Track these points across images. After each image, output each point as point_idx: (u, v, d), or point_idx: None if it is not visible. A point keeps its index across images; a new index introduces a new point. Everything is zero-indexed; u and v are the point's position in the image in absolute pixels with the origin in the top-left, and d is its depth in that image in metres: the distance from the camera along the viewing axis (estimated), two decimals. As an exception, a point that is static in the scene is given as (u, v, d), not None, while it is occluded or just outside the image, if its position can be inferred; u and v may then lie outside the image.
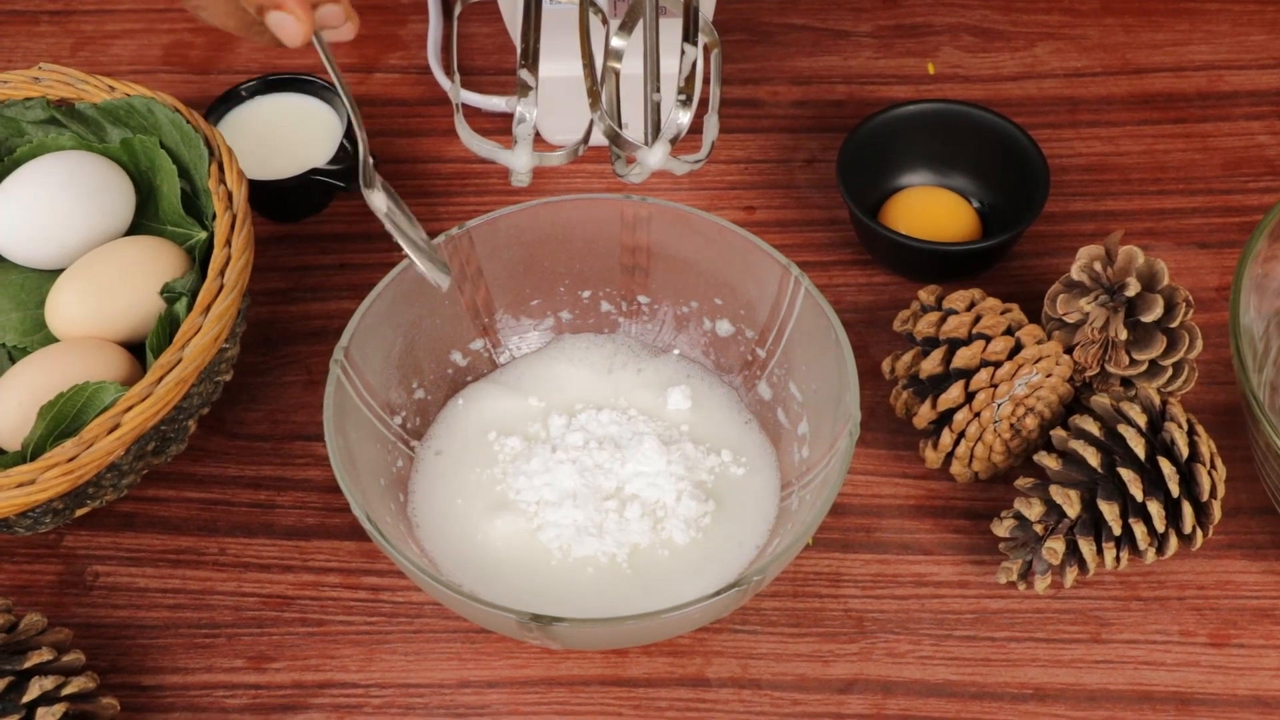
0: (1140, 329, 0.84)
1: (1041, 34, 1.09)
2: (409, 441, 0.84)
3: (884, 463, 0.87)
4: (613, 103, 0.73)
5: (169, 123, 0.87)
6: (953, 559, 0.83)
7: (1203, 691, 0.79)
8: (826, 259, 0.96)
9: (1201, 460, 0.78)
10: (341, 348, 0.78)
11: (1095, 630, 0.81)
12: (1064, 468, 0.80)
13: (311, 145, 0.98)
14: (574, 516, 0.80)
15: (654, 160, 0.75)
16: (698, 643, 0.80)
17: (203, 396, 0.83)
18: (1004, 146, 0.96)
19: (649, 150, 0.74)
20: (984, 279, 0.94)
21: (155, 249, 0.84)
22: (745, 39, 1.09)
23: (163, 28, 1.11)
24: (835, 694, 0.79)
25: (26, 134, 0.90)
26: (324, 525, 0.85)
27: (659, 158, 0.75)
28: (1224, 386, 0.89)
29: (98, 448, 0.75)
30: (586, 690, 0.79)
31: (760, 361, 0.85)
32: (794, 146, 1.03)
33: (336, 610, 0.82)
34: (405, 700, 0.79)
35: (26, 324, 0.85)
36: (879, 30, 1.09)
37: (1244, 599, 0.82)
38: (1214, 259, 0.96)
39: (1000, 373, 0.82)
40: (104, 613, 0.83)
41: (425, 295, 0.83)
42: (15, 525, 0.79)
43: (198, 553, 0.85)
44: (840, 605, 0.82)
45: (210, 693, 0.80)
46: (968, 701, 0.78)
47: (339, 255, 0.97)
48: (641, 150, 0.74)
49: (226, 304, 0.79)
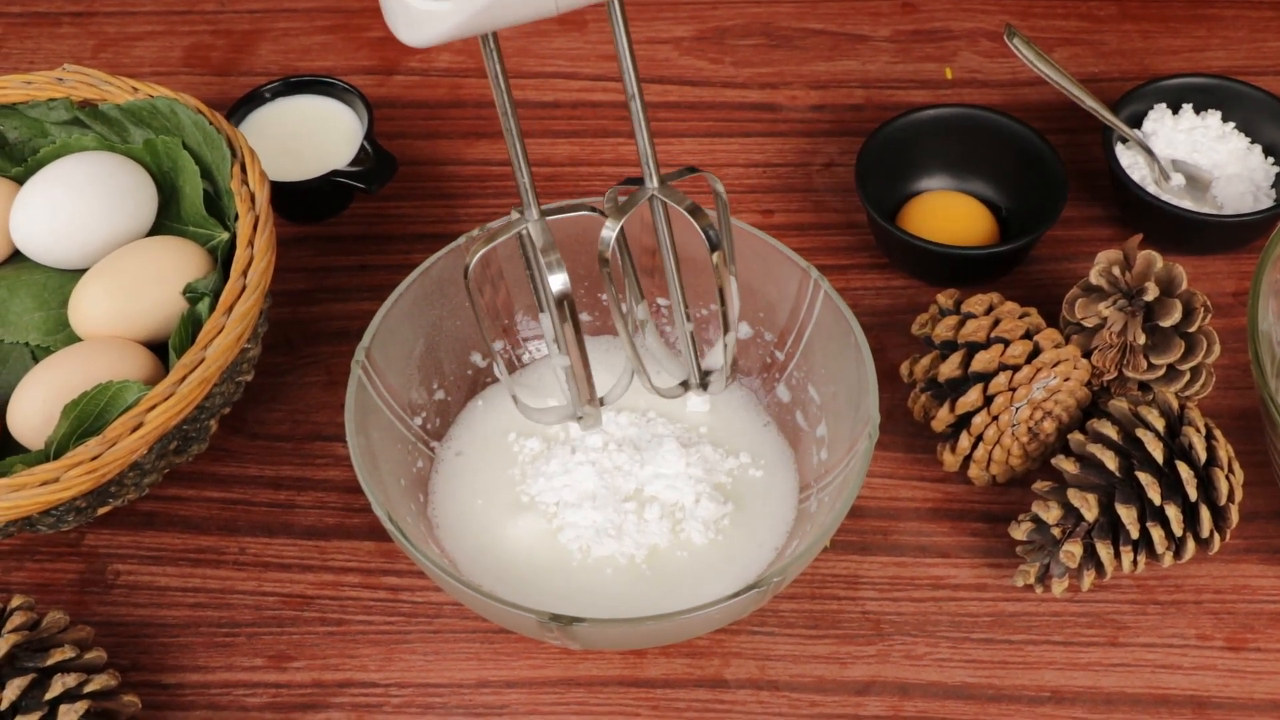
0: (1158, 333, 0.84)
1: (1059, 39, 1.09)
2: (429, 442, 0.84)
3: (902, 466, 0.87)
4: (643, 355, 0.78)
5: (192, 124, 0.87)
6: (970, 562, 0.84)
7: (1219, 695, 0.79)
8: (845, 263, 0.97)
9: (1219, 464, 0.79)
10: (363, 348, 0.78)
11: (1112, 634, 0.81)
12: (1082, 471, 0.80)
13: (333, 147, 0.98)
14: (593, 518, 0.81)
15: (699, 406, 0.87)
16: (716, 644, 0.81)
17: (224, 396, 0.83)
18: (1022, 151, 0.96)
19: (696, 399, 0.87)
20: (1002, 283, 0.95)
21: (178, 249, 0.84)
22: (764, 43, 1.09)
23: (184, 29, 1.11)
24: (853, 695, 0.79)
25: (50, 135, 0.90)
26: (344, 525, 0.86)
27: (698, 404, 0.87)
28: (1241, 391, 0.89)
29: (120, 447, 0.75)
30: (605, 691, 0.79)
31: (779, 364, 0.85)
32: (812, 151, 1.03)
33: (356, 610, 0.83)
34: (424, 700, 0.79)
35: (50, 323, 0.86)
36: (897, 35, 1.10)
37: (1261, 603, 0.82)
38: (1232, 264, 0.96)
39: (1018, 376, 0.82)
40: (125, 611, 0.83)
41: (445, 297, 0.83)
42: (38, 523, 0.79)
43: (218, 552, 0.85)
44: (858, 607, 0.82)
45: (230, 691, 0.80)
46: (985, 704, 0.79)
47: (360, 256, 0.98)
48: (690, 399, 0.86)
49: (249, 304, 0.80)
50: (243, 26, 1.12)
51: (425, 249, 0.90)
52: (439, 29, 0.61)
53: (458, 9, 0.60)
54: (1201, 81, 0.99)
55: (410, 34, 0.62)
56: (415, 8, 0.61)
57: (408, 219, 1.00)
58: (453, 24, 0.61)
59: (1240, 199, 0.96)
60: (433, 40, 0.61)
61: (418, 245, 0.98)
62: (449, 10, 0.60)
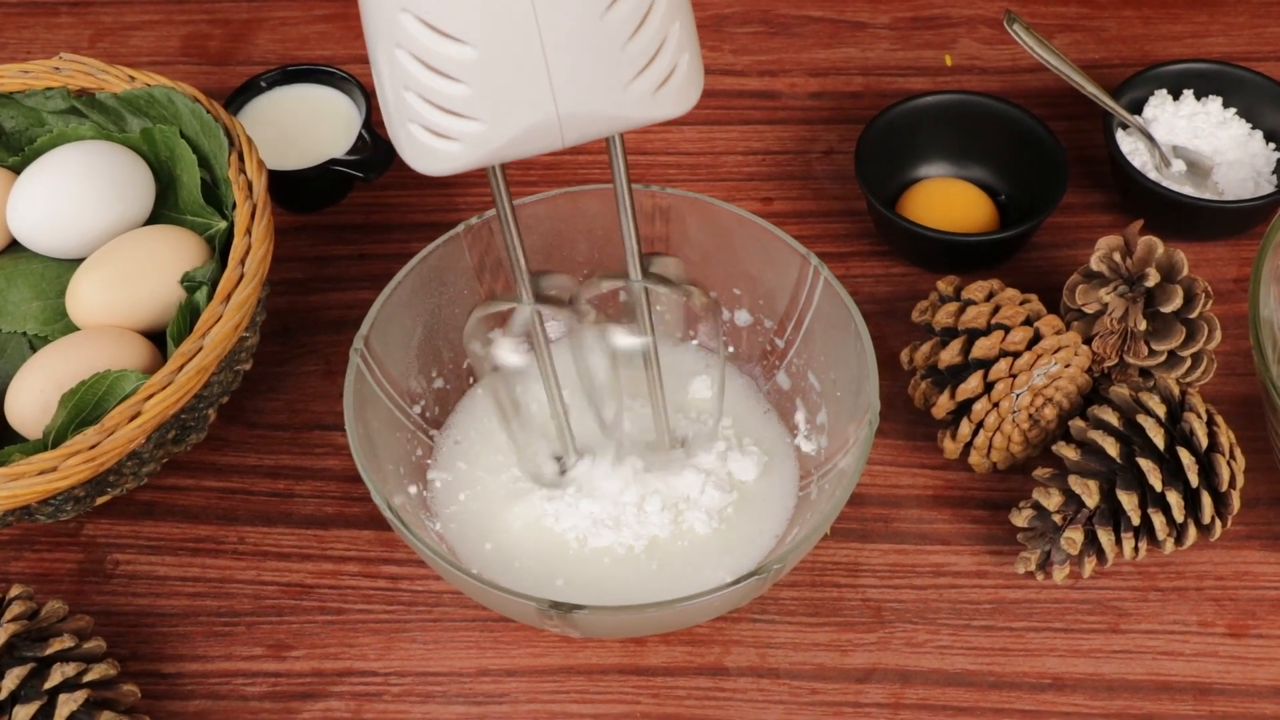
0: (1159, 320, 0.84)
1: (1059, 25, 1.09)
2: (428, 430, 0.84)
3: (902, 453, 0.87)
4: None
5: (189, 112, 0.87)
6: (971, 549, 0.83)
7: (1221, 681, 0.79)
8: (844, 250, 0.96)
9: (1221, 450, 0.78)
10: (361, 337, 0.78)
11: (1114, 620, 0.81)
12: (1083, 458, 0.80)
13: (330, 136, 0.98)
14: (592, 507, 0.81)
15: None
16: (716, 632, 0.81)
17: (223, 385, 0.83)
18: (1022, 138, 0.96)
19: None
20: (1002, 270, 0.94)
21: (175, 238, 0.84)
22: (762, 31, 1.09)
23: (181, 18, 1.11)
24: (853, 683, 0.79)
25: (47, 124, 0.90)
26: (343, 514, 0.86)
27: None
28: (1243, 378, 0.89)
29: (119, 436, 0.75)
30: (605, 679, 0.79)
31: (779, 351, 0.85)
32: (812, 138, 1.03)
33: (355, 599, 0.83)
34: (424, 688, 0.79)
35: (47, 313, 0.85)
36: (896, 22, 1.09)
37: (1263, 589, 0.82)
38: (1233, 250, 0.95)
39: (1019, 363, 0.82)
40: (124, 601, 0.83)
41: (444, 285, 0.83)
42: (36, 513, 0.79)
43: (217, 541, 0.85)
44: (858, 595, 0.82)
45: (230, 680, 0.80)
46: (986, 691, 0.79)
47: (358, 245, 0.98)
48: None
49: (247, 293, 0.80)
50: (240, 15, 1.12)
51: (424, 238, 0.89)
52: (451, 164, 0.62)
53: (468, 150, 0.61)
54: (1202, 67, 0.98)
55: (421, 164, 0.63)
56: (427, 144, 0.62)
57: (406, 208, 0.99)
58: (464, 161, 0.62)
59: (1241, 185, 0.95)
60: (444, 172, 0.63)
61: (416, 234, 0.98)
62: (460, 149, 0.61)
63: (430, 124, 0.61)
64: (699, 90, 0.64)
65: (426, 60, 0.59)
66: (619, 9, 0.59)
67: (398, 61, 0.60)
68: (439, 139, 0.61)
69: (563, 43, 0.59)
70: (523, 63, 0.59)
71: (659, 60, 0.61)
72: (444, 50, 0.59)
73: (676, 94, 0.63)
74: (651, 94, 0.62)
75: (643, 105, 0.62)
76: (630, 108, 0.62)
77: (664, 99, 0.62)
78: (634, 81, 0.61)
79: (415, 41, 0.59)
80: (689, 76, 0.63)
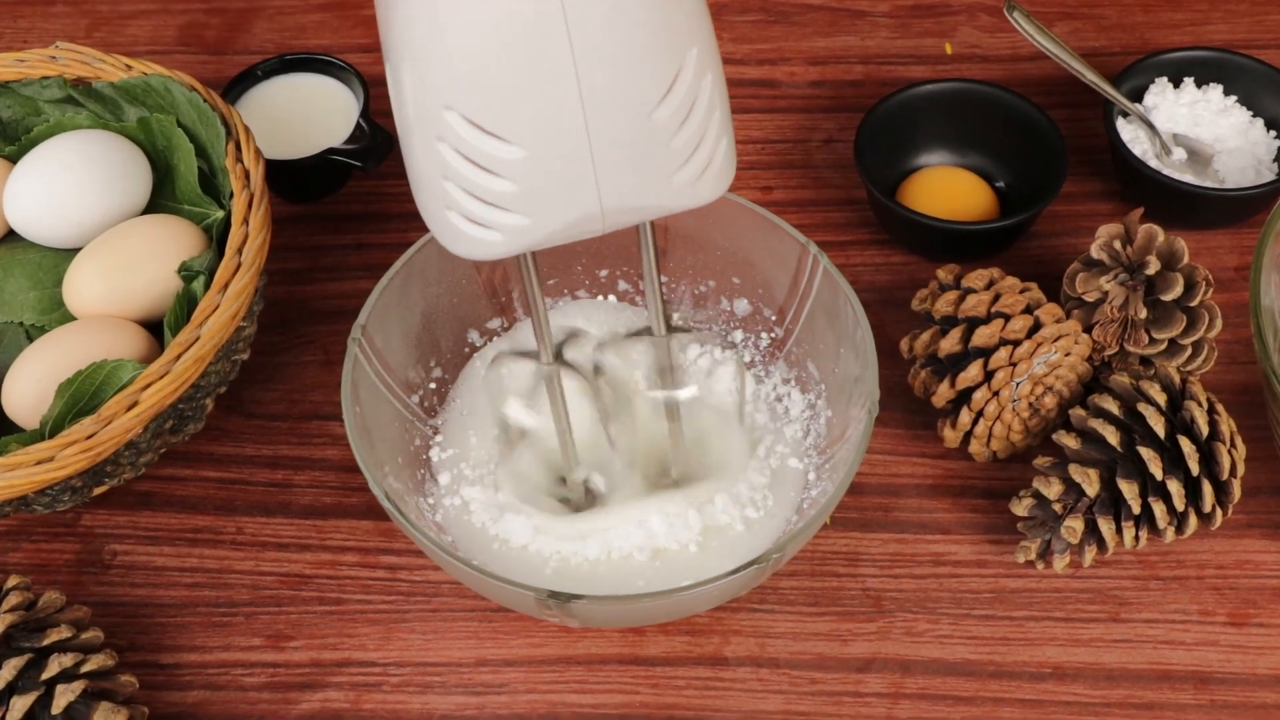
0: (1160, 308, 0.84)
1: (1059, 13, 1.08)
2: (426, 420, 0.84)
3: (902, 442, 0.87)
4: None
5: (186, 101, 0.87)
6: (971, 538, 0.83)
7: (1222, 670, 0.78)
8: (844, 239, 0.96)
9: (1221, 439, 0.78)
10: (359, 326, 0.78)
11: (1114, 609, 0.80)
12: (1083, 446, 0.80)
13: (328, 125, 0.98)
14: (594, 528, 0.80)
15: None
16: (715, 621, 0.80)
17: (220, 375, 0.83)
18: (1022, 126, 0.96)
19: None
20: (1002, 258, 0.94)
21: (172, 227, 0.84)
22: (762, 19, 1.09)
23: (178, 8, 1.11)
24: (853, 673, 0.79)
25: (44, 113, 0.90)
26: (341, 504, 0.85)
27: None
28: (1244, 366, 0.89)
29: (116, 425, 0.75)
30: (604, 669, 0.79)
31: (779, 340, 0.85)
32: (811, 127, 1.02)
33: (354, 589, 0.82)
34: (423, 679, 0.79)
35: (44, 302, 0.85)
36: (896, 10, 1.09)
37: (1263, 578, 0.81)
38: (1233, 238, 0.95)
39: (1019, 351, 0.81)
40: (122, 591, 0.83)
41: (442, 274, 0.83)
42: (34, 503, 0.79)
43: (215, 531, 0.85)
44: (858, 584, 0.82)
45: (228, 671, 0.80)
46: (986, 680, 0.78)
47: (355, 235, 0.97)
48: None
49: (244, 282, 0.79)
50: (237, 4, 1.11)
51: (422, 227, 0.87)
52: (490, 251, 0.62)
53: (509, 240, 0.62)
54: (1203, 55, 0.98)
55: (460, 249, 0.63)
56: (466, 233, 0.62)
57: (404, 197, 0.98)
58: (504, 249, 0.62)
59: (1242, 173, 0.95)
60: (483, 258, 0.63)
61: (414, 223, 0.96)
62: (501, 239, 0.61)
63: (471, 214, 0.61)
64: (733, 170, 0.64)
65: (471, 157, 0.59)
66: (666, 105, 0.59)
67: (439, 154, 0.59)
68: (479, 228, 0.61)
69: (610, 141, 0.59)
70: (570, 161, 0.59)
71: (700, 150, 0.62)
72: (490, 149, 0.58)
73: (715, 179, 0.63)
74: (692, 184, 0.62)
75: (683, 194, 0.62)
76: (670, 198, 0.62)
77: (703, 186, 0.63)
78: (677, 173, 0.61)
79: (460, 139, 0.58)
80: (726, 160, 0.63)
